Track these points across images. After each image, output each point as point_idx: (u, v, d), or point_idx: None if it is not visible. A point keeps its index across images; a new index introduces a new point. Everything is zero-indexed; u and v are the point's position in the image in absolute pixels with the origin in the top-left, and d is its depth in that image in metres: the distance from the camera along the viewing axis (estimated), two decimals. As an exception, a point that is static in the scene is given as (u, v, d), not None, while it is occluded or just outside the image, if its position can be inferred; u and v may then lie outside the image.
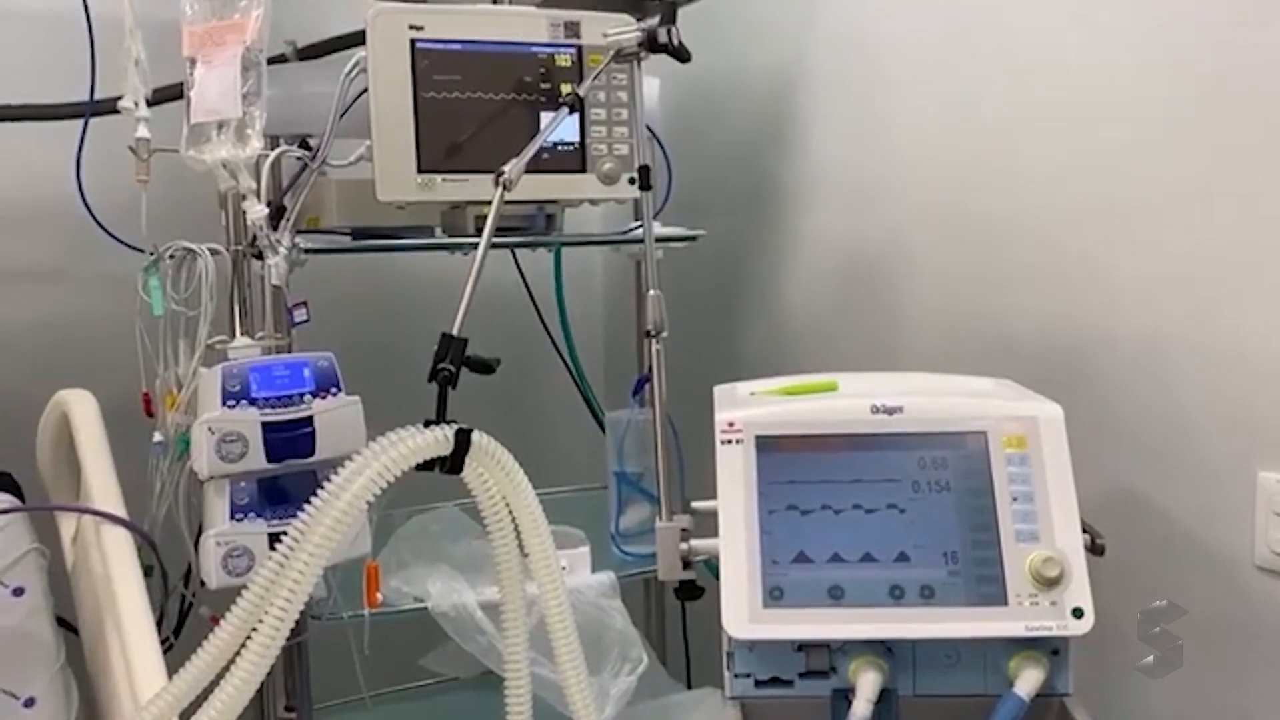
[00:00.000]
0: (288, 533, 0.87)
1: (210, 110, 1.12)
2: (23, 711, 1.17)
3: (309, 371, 1.17)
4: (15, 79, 1.55)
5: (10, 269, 1.68)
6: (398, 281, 1.88)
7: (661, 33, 1.10)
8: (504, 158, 1.30)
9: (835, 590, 1.02)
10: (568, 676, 0.97)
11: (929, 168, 1.49)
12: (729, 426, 1.07)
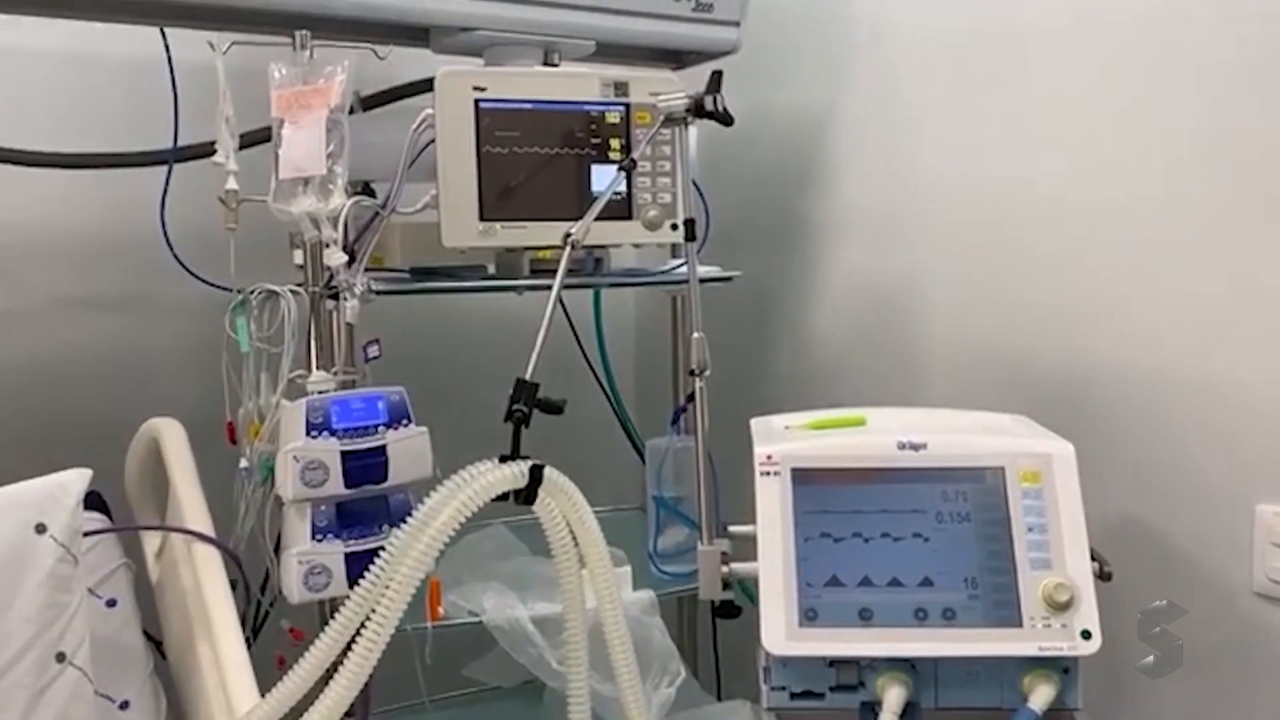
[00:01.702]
0: (380, 555, 0.97)
1: (297, 168, 1.23)
2: (119, 714, 1.28)
3: (383, 405, 1.28)
4: (101, 123, 1.68)
5: (90, 299, 1.80)
6: (445, 315, 1.99)
7: (708, 100, 1.21)
8: (557, 206, 1.43)
9: (865, 612, 1.11)
10: (624, 684, 1.07)
11: (951, 209, 1.58)
12: (767, 460, 1.17)
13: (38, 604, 1.17)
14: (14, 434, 1.67)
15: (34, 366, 1.74)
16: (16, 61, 1.70)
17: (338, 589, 1.26)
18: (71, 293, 1.78)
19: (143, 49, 1.52)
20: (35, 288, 1.75)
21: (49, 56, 1.72)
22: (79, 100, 1.73)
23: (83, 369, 1.77)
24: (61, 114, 1.71)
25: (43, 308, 1.76)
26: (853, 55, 1.75)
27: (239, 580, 1.29)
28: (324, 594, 1.25)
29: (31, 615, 1.17)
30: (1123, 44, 1.32)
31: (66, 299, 1.77)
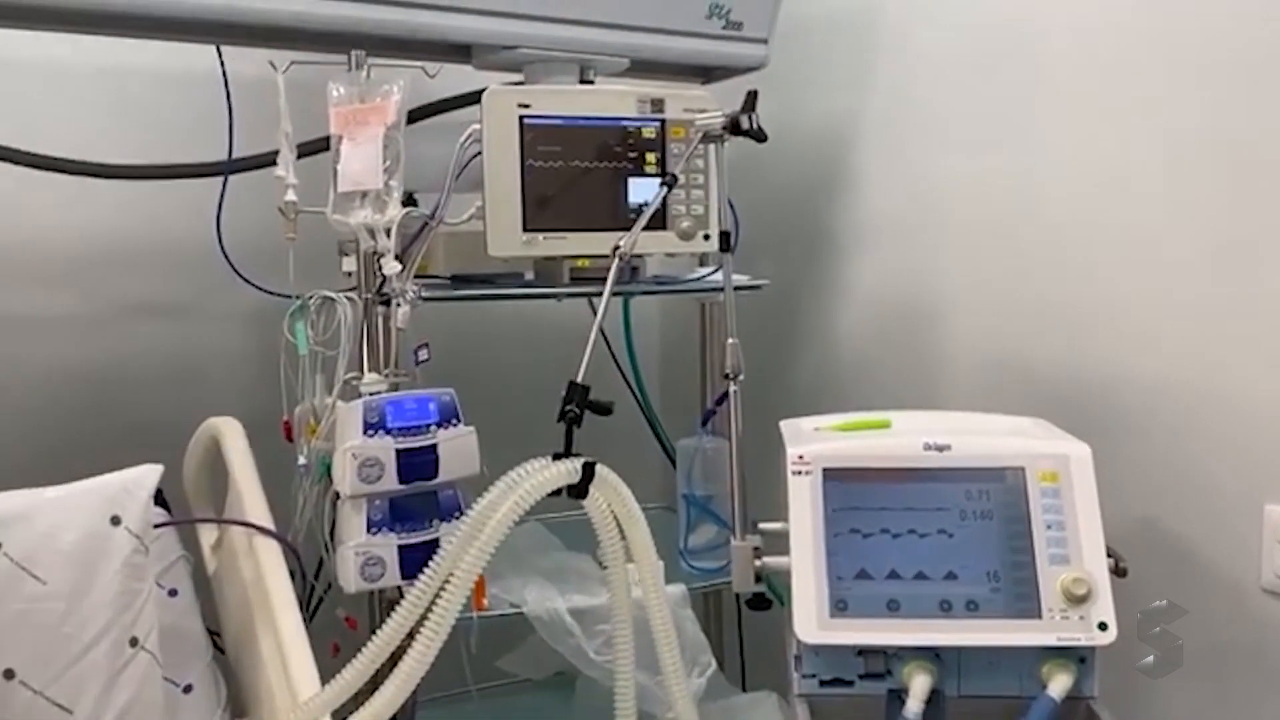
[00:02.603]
0: (442, 546, 1.04)
1: (355, 182, 1.30)
2: (182, 697, 1.35)
3: (434, 405, 1.35)
4: (157, 135, 1.76)
5: (148, 305, 1.88)
6: (480, 320, 2.06)
7: (744, 119, 1.27)
8: (595, 217, 1.50)
9: (892, 603, 1.17)
10: (669, 673, 1.13)
11: (971, 219, 1.64)
12: (799, 460, 1.23)
13: (113, 591, 1.25)
14: (76, 433, 1.75)
15: (95, 369, 1.83)
16: (80, 78, 1.78)
17: (391, 579, 1.33)
18: (130, 299, 1.86)
19: (196, 63, 1.60)
20: (97, 294, 1.83)
21: (108, 71, 1.80)
22: (137, 113, 1.81)
23: (138, 372, 1.85)
24: (120, 126, 1.78)
25: (104, 313, 1.84)
26: (875, 70, 1.81)
27: (296, 571, 1.36)
28: (379, 584, 1.32)
29: (108, 602, 1.24)
30: (1136, 52, 1.37)
31: (125, 305, 1.85)
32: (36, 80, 1.76)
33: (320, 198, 1.42)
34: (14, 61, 1.72)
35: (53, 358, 1.81)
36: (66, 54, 1.69)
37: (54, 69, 1.76)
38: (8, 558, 1.23)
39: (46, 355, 1.81)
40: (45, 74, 1.76)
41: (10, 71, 1.73)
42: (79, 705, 1.22)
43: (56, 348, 1.81)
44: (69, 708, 1.22)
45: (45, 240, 1.80)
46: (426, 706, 1.60)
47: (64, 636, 1.22)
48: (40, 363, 1.80)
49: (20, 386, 1.80)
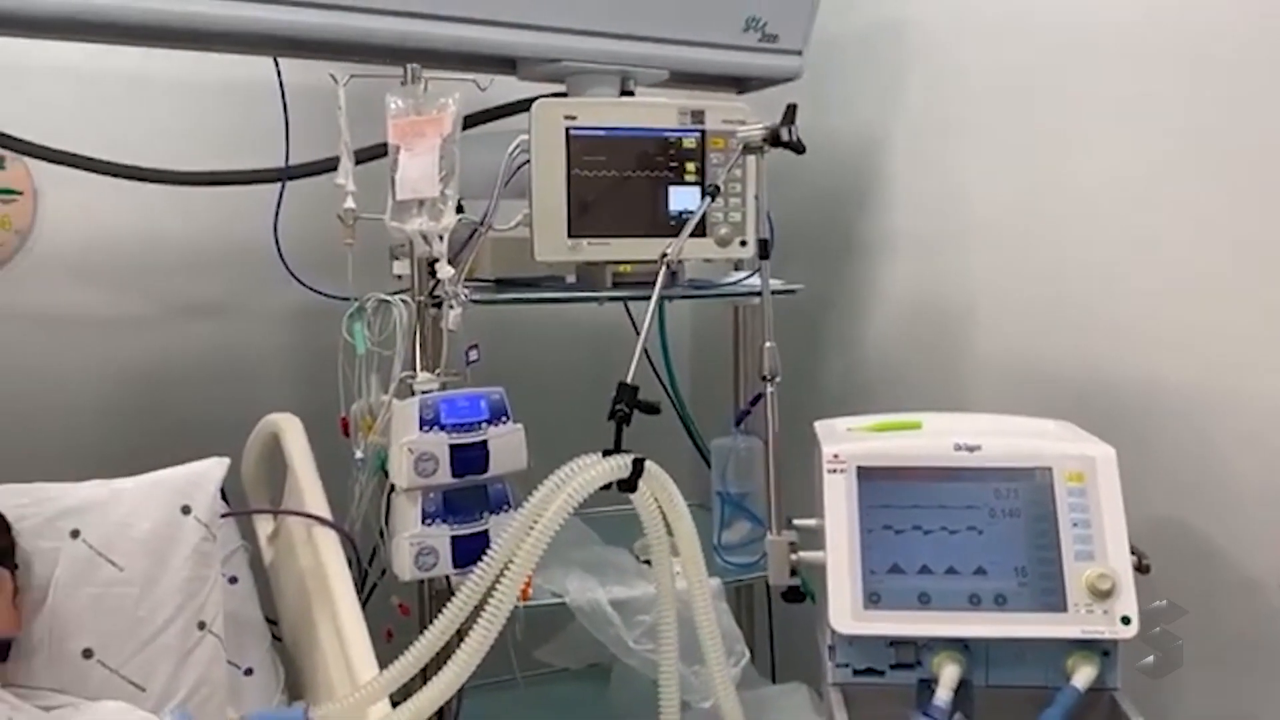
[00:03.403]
0: (499, 537, 1.09)
1: (412, 190, 1.37)
2: (244, 679, 1.42)
3: (484, 403, 1.42)
4: (215, 142, 1.83)
5: (198, 305, 1.96)
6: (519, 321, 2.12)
7: (783, 131, 1.33)
8: (637, 224, 1.56)
9: (923, 596, 1.22)
10: (712, 662, 1.19)
11: (997, 227, 1.68)
12: (834, 458, 1.28)
13: (183, 577, 1.32)
14: (136, 427, 1.83)
15: (153, 367, 1.91)
16: (138, 86, 1.86)
17: (444, 569, 1.40)
18: (187, 299, 1.94)
19: (247, 73, 1.66)
20: (157, 295, 1.92)
21: (163, 82, 1.87)
22: (193, 121, 1.89)
23: (193, 370, 1.93)
24: (176, 134, 1.86)
25: (163, 313, 1.92)
26: (905, 81, 1.86)
27: (352, 560, 1.42)
28: (432, 573, 1.39)
29: (178, 587, 1.31)
30: (1162, 59, 1.41)
31: (183, 305, 1.93)
32: (97, 89, 1.84)
33: (373, 203, 1.49)
34: (66, 69, 1.79)
35: (114, 356, 1.90)
36: (123, 64, 1.76)
37: (111, 78, 1.83)
38: (86, 544, 1.31)
39: (109, 353, 1.89)
40: (104, 82, 1.84)
41: (65, 80, 1.81)
42: (151, 683, 1.30)
43: (118, 346, 1.90)
44: (142, 685, 1.29)
45: (107, 243, 1.88)
46: (472, 694, 1.66)
47: (138, 619, 1.30)
48: (103, 361, 1.89)
49: (84, 383, 1.88)
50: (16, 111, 1.66)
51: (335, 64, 1.53)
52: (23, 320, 1.84)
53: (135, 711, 1.25)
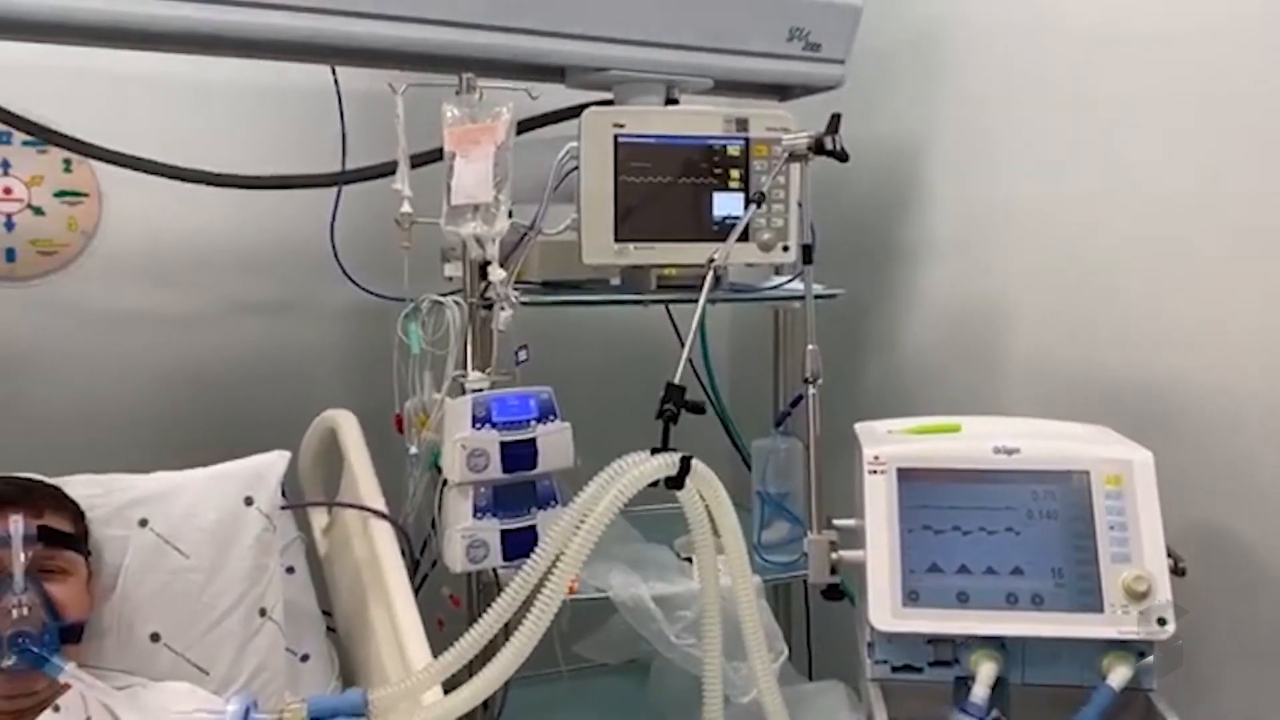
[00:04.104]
0: (549, 532, 1.13)
1: (468, 195, 1.42)
2: (301, 665, 1.47)
3: (534, 402, 1.47)
4: (273, 147, 1.89)
5: (253, 304, 2.02)
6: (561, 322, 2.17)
7: (828, 140, 1.36)
8: (681, 229, 1.60)
9: (961, 595, 1.25)
10: (755, 658, 1.22)
11: (1035, 233, 1.70)
12: (875, 460, 1.32)
13: (246, 565, 1.38)
14: (193, 422, 1.90)
15: (209, 363, 1.98)
16: (199, 92, 1.92)
17: (493, 561, 1.45)
18: (242, 298, 2.01)
19: (302, 79, 1.72)
20: (214, 294, 1.98)
21: (222, 88, 1.94)
22: (252, 126, 1.95)
23: (248, 366, 1.99)
24: (235, 139, 1.92)
25: (219, 312, 1.98)
26: (944, 90, 1.88)
27: (405, 552, 1.47)
28: (482, 565, 1.44)
29: (242, 575, 1.37)
30: (1204, 72, 1.42)
31: (238, 304, 2.00)
32: (160, 94, 1.90)
33: (425, 207, 1.54)
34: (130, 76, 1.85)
35: (175, 352, 1.97)
36: (185, 71, 1.81)
37: (174, 84, 1.90)
38: (154, 533, 1.37)
39: (169, 350, 1.96)
40: (167, 88, 1.90)
41: (129, 85, 1.87)
42: (215, 667, 1.35)
43: (179, 343, 1.97)
44: (206, 669, 1.35)
45: (169, 244, 1.95)
46: (515, 685, 1.71)
47: (203, 605, 1.35)
48: (163, 357, 1.96)
49: (146, 379, 1.95)
50: (83, 116, 1.73)
51: (391, 72, 1.58)
52: (88, 317, 1.92)
53: (199, 692, 1.31)
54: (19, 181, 1.89)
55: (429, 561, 1.59)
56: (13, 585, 1.19)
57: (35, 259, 1.90)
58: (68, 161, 1.91)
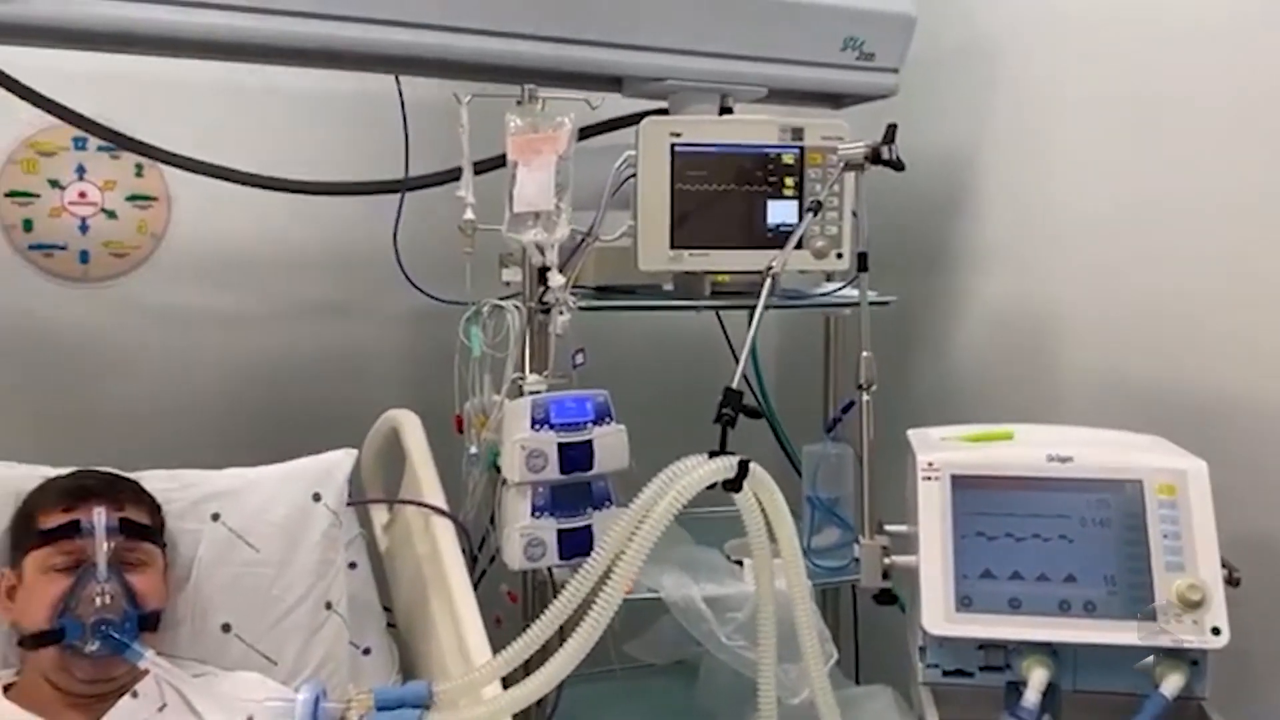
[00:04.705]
0: (608, 532, 1.16)
1: (529, 203, 1.46)
2: (363, 658, 1.51)
3: (590, 404, 1.50)
4: (336, 153, 1.94)
5: (315, 305, 2.07)
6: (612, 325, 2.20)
7: (884, 150, 1.38)
8: (736, 236, 1.62)
9: (1014, 601, 1.26)
10: (810, 660, 1.23)
11: (1090, 241, 1.70)
12: (929, 466, 1.33)
13: (314, 560, 1.42)
14: (256, 420, 1.95)
15: (272, 363, 2.03)
16: (264, 100, 1.98)
17: (550, 560, 1.48)
18: (305, 300, 2.07)
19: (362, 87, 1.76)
20: (278, 295, 2.04)
21: (287, 96, 1.99)
22: (316, 133, 2.01)
23: (310, 367, 2.05)
24: (299, 145, 1.98)
25: (283, 313, 2.04)
26: (996, 97, 1.89)
27: (465, 549, 1.51)
28: (539, 563, 1.47)
29: (310, 569, 1.42)
30: (1260, 77, 1.41)
31: (302, 305, 2.05)
32: (227, 101, 1.96)
33: (483, 213, 1.58)
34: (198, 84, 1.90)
35: (240, 353, 2.03)
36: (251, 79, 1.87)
37: (240, 91, 1.95)
38: (226, 527, 1.42)
39: (235, 350, 2.03)
40: (233, 95, 1.95)
41: (198, 93, 1.92)
42: (282, 657, 1.40)
43: (244, 344, 2.03)
44: (274, 659, 1.40)
45: (235, 247, 2.01)
46: (569, 683, 1.74)
47: (273, 598, 1.40)
48: (229, 357, 2.02)
49: (212, 378, 2.02)
50: (154, 123, 1.79)
51: (454, 82, 1.62)
52: (157, 317, 1.98)
53: (269, 682, 1.35)
54: (93, 186, 1.96)
55: (486, 558, 1.63)
56: (96, 574, 1.25)
57: (108, 261, 1.97)
58: (139, 166, 1.97)
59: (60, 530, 1.28)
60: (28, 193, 1.92)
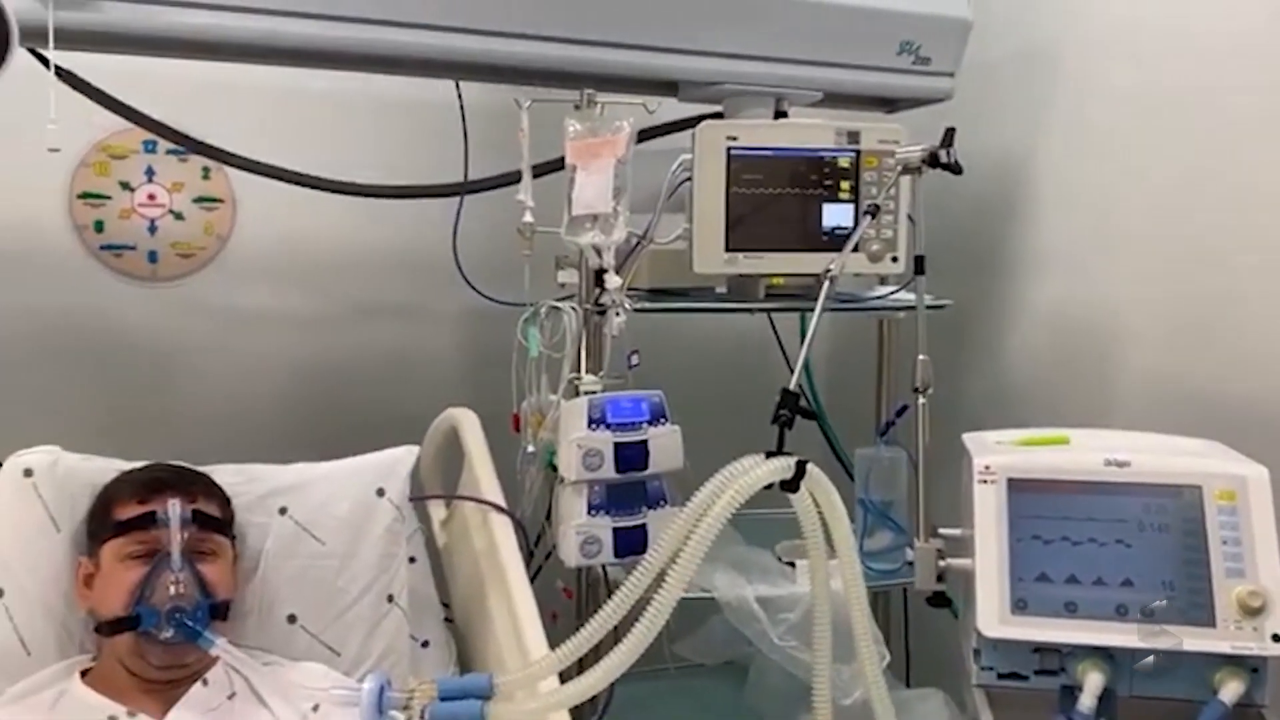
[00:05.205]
0: (666, 530, 1.17)
1: (587, 206, 1.48)
2: (421, 651, 1.55)
3: (645, 405, 1.52)
4: (394, 157, 1.98)
5: (374, 306, 2.12)
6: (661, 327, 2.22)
7: (942, 153, 1.39)
8: (790, 239, 1.63)
9: (1070, 605, 1.26)
10: (865, 660, 1.25)
11: (1148, 245, 1.69)
12: (985, 469, 1.34)
13: (377, 553, 1.46)
14: (315, 417, 2.00)
15: (332, 362, 2.08)
16: (327, 104, 2.02)
17: (605, 557, 1.50)
18: (364, 301, 2.11)
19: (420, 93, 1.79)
20: (338, 296, 2.09)
21: (350, 101, 2.03)
22: (377, 137, 2.05)
23: (368, 365, 2.09)
24: (361, 149, 2.02)
25: (342, 313, 2.09)
26: (1054, 102, 1.88)
27: (522, 545, 1.53)
28: (595, 560, 1.50)
29: (373, 562, 1.45)
30: None
31: (360, 306, 2.10)
32: (290, 106, 2.00)
33: (542, 216, 1.60)
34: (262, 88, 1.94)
35: (301, 351, 2.08)
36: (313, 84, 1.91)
37: (303, 96, 2.00)
38: (293, 520, 1.46)
39: (296, 349, 2.08)
40: (296, 100, 2.00)
41: (262, 98, 1.97)
42: (346, 649, 1.43)
43: (305, 343, 2.08)
44: (338, 650, 1.43)
45: (298, 248, 2.06)
46: (621, 680, 1.76)
47: (337, 590, 1.44)
48: (290, 355, 2.07)
49: (273, 375, 2.07)
50: (220, 126, 1.83)
51: (512, 87, 1.66)
52: (222, 317, 2.04)
53: (333, 673, 1.39)
54: (162, 188, 2.02)
55: (541, 555, 1.65)
56: (170, 563, 1.29)
57: (175, 261, 2.03)
58: (206, 169, 2.03)
59: (136, 521, 1.33)
60: (100, 195, 1.99)
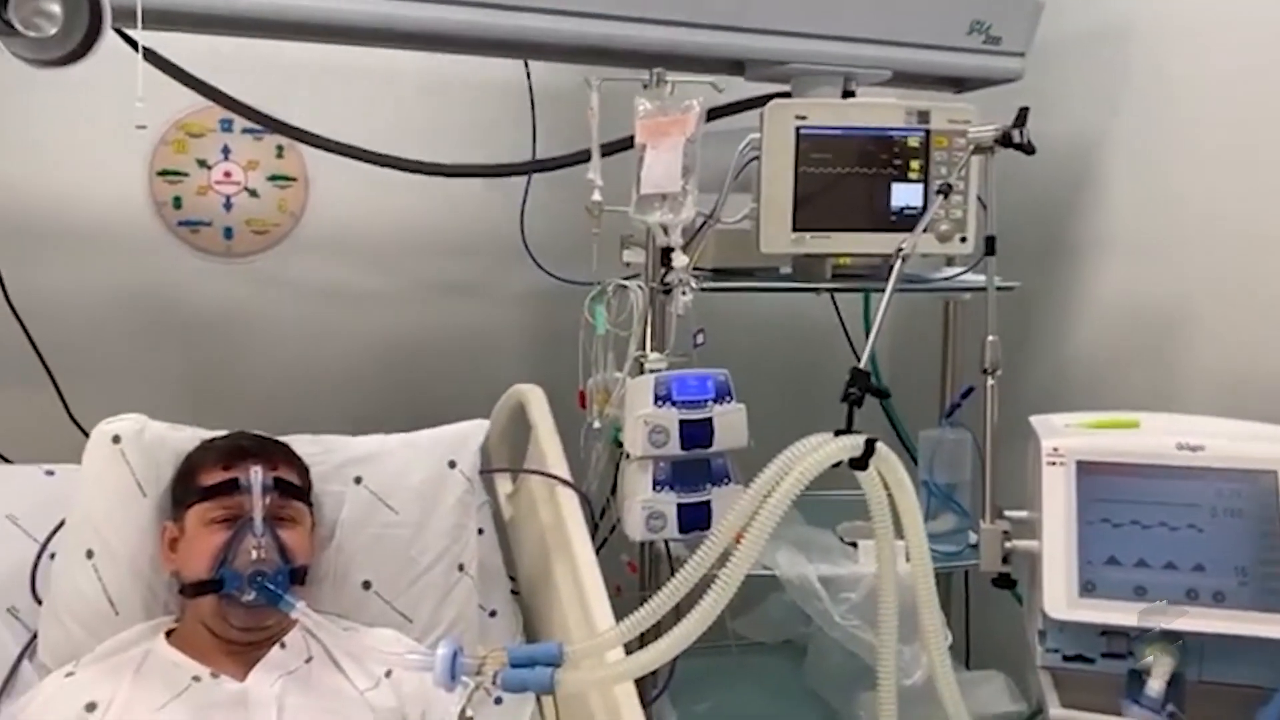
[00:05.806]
0: (734, 506, 1.18)
1: (656, 185, 1.49)
2: (489, 620, 1.59)
3: (711, 383, 1.54)
4: (462, 137, 2.01)
5: (445, 284, 2.16)
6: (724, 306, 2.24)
7: (1015, 133, 1.38)
8: (858, 219, 1.63)
9: (1139, 589, 1.25)
10: (930, 641, 1.24)
11: (1216, 231, 1.67)
12: (1054, 452, 1.33)
13: (449, 523, 1.49)
14: (387, 391, 2.04)
15: (405, 338, 2.12)
16: (396, 83, 2.05)
17: (670, 532, 1.53)
18: (435, 279, 2.15)
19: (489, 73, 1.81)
20: (410, 274, 2.13)
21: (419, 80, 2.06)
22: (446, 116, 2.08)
23: (439, 342, 2.13)
24: (431, 128, 2.04)
25: (414, 291, 2.13)
26: (1128, 84, 1.85)
27: (587, 519, 1.56)
28: (659, 535, 1.52)
29: (445, 532, 1.49)
30: None
31: (432, 284, 2.14)
32: (364, 86, 2.04)
33: (608, 195, 1.62)
34: (339, 68, 1.98)
35: (372, 327, 2.12)
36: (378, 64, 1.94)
37: (375, 76, 2.03)
38: (368, 490, 1.50)
39: (367, 325, 2.12)
40: (369, 79, 2.03)
41: (337, 77, 2.01)
42: (417, 615, 1.47)
43: (375, 319, 2.12)
44: (410, 617, 1.47)
45: (369, 226, 2.10)
46: (683, 655, 1.78)
47: (410, 559, 1.48)
48: (361, 331, 2.12)
49: (345, 351, 2.11)
50: (293, 106, 1.87)
51: (580, 67, 1.67)
52: (296, 292, 2.08)
53: (405, 639, 1.43)
54: (238, 166, 2.07)
55: (606, 529, 1.68)
56: (253, 528, 1.33)
57: (250, 238, 2.08)
58: (280, 148, 2.07)
59: (220, 487, 1.37)
60: (178, 171, 2.04)
